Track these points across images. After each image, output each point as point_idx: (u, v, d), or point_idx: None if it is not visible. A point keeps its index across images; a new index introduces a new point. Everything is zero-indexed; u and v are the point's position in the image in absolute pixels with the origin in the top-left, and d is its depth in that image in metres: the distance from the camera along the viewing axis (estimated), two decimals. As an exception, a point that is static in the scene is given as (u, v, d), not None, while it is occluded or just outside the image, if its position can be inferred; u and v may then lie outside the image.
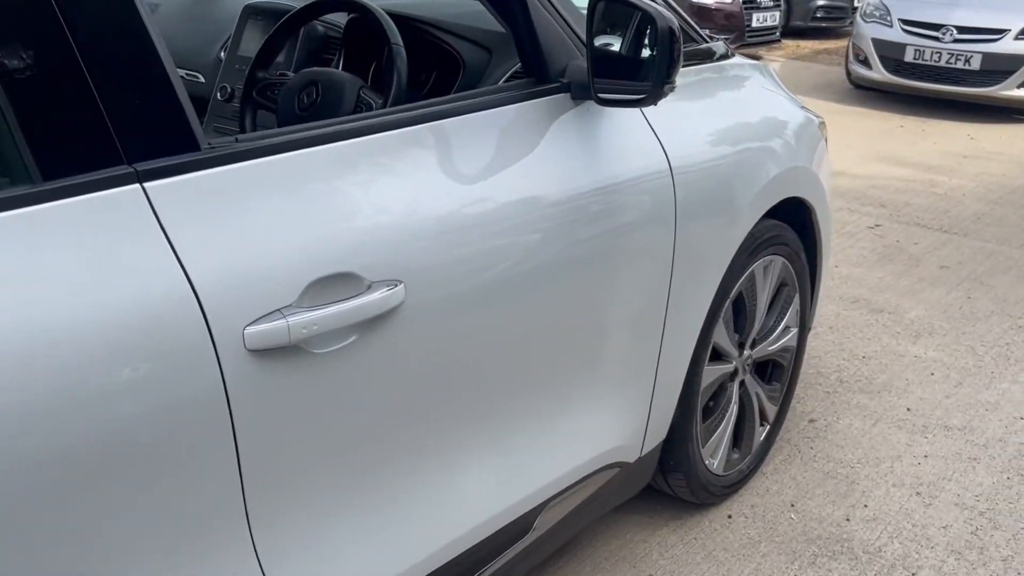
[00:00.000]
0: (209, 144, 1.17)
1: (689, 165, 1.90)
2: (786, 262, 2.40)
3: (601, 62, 1.62)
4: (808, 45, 11.10)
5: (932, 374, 3.16)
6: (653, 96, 1.56)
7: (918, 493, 2.51)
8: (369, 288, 1.28)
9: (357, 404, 1.32)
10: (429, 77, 2.03)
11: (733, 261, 2.12)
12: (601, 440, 1.87)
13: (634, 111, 1.81)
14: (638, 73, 1.60)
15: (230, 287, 1.14)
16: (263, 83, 1.96)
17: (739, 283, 2.21)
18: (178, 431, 1.11)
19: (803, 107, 2.56)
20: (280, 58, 2.14)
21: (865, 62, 7.81)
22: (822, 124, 2.60)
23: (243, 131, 2.00)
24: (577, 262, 1.64)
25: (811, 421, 2.86)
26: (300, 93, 1.83)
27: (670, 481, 2.28)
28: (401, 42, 1.77)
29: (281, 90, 1.89)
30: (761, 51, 10.54)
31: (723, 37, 9.57)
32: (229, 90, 2.24)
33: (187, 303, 1.10)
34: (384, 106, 1.74)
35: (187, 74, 2.44)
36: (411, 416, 1.41)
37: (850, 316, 3.60)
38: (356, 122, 1.37)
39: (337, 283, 1.25)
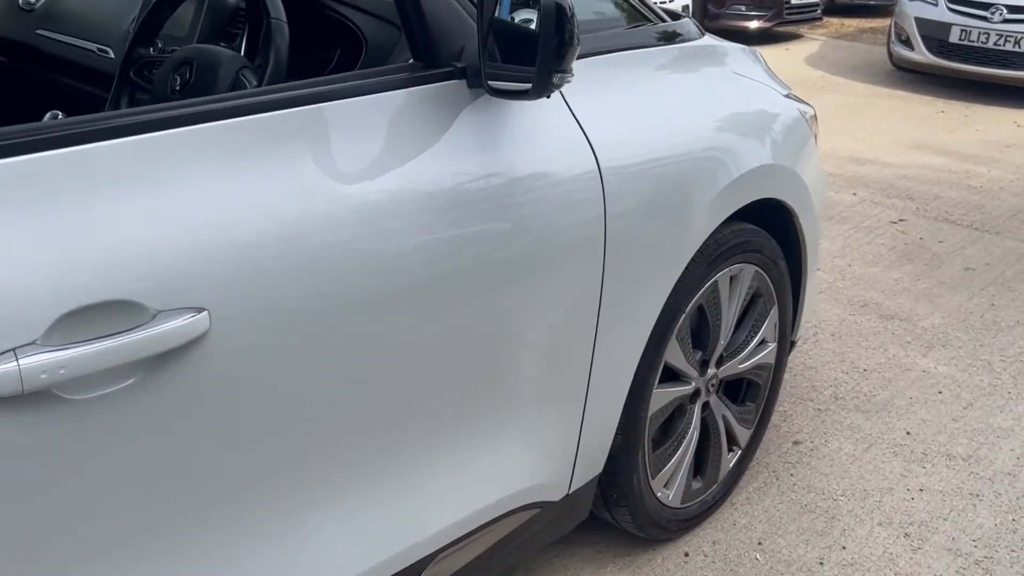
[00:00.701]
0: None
1: (624, 164, 1.63)
2: (759, 270, 2.12)
3: (507, 43, 1.36)
4: (853, 23, 10.61)
5: (940, 392, 2.85)
6: (538, 88, 1.29)
7: (906, 534, 2.23)
8: (155, 318, 1.04)
9: (145, 462, 1.08)
10: (333, 57, 1.77)
11: (688, 271, 1.85)
12: (510, 480, 1.61)
13: (557, 101, 1.55)
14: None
15: (-60, 322, 0.91)
16: (142, 61, 1.73)
17: (698, 295, 1.94)
18: None
19: (791, 96, 2.27)
20: (182, 33, 1.91)
21: (907, 42, 7.37)
22: (812, 117, 2.31)
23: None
24: (464, 276, 1.38)
25: (795, 443, 2.58)
26: (174, 73, 1.60)
27: (615, 515, 2.03)
28: (283, 16, 1.52)
29: (157, 70, 1.66)
30: (802, 29, 10.10)
31: (760, 14, 9.17)
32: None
33: None
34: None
35: (98, 48, 2.22)
36: (231, 468, 1.18)
37: (856, 322, 3.30)
38: (169, 112, 1.13)
39: (107, 314, 1.01)
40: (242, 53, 1.82)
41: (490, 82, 1.33)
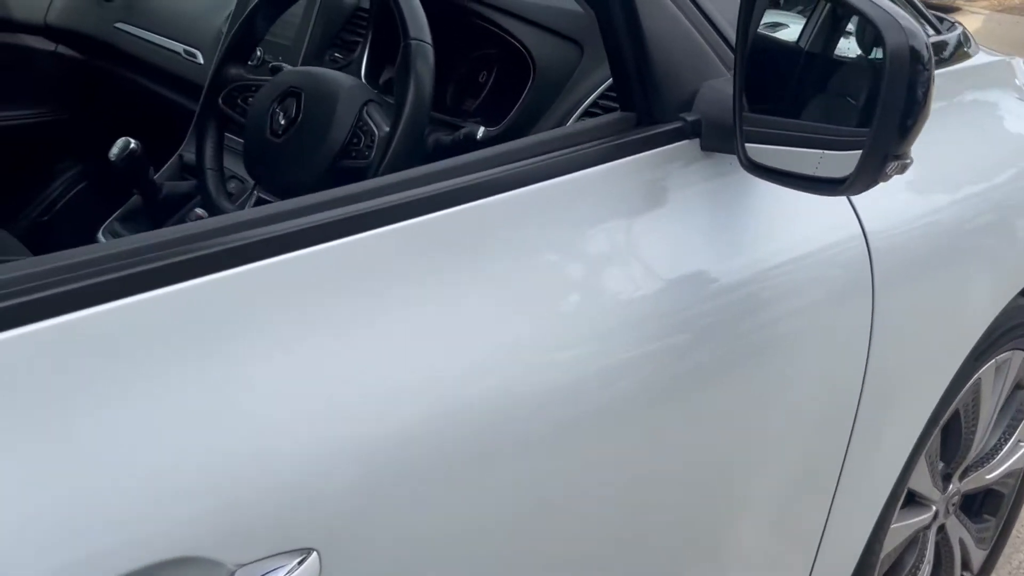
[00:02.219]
0: None
1: (897, 229, 1.16)
2: (1030, 357, 1.61)
3: (769, 74, 0.89)
4: (1019, -6, 9.63)
5: None
6: (863, 178, 0.79)
7: None
8: (233, 576, 0.62)
9: None
10: (488, 79, 1.32)
11: (961, 368, 1.37)
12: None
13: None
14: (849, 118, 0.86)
15: None
16: (234, 84, 1.30)
17: (958, 398, 1.45)
18: None
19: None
20: (288, 40, 1.49)
21: (1094, 21, 6.52)
22: None
23: (200, 160, 1.33)
24: (678, 395, 0.93)
25: (1030, 554, 2.05)
26: (275, 106, 1.18)
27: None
28: (427, 36, 1.08)
29: (253, 97, 1.24)
30: (959, 1, 9.20)
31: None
32: (229, 80, 1.60)
33: None
34: (389, 141, 1.06)
35: (185, 51, 1.79)
36: None
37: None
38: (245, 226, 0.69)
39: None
40: (363, 69, 1.39)
41: (748, 148, 0.85)
